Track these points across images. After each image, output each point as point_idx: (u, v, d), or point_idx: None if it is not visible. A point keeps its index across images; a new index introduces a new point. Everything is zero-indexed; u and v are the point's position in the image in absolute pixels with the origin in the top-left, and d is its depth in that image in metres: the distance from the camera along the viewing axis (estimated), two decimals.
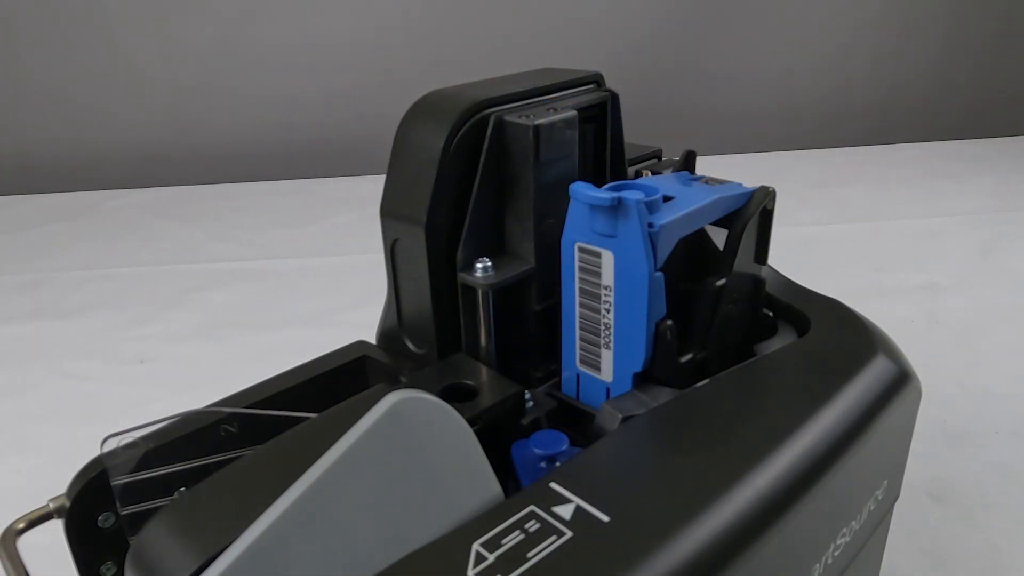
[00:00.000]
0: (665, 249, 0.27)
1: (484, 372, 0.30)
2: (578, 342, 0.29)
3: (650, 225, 0.26)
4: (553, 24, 1.21)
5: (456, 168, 0.30)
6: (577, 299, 0.29)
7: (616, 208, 0.26)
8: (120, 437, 0.26)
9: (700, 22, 1.25)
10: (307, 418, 0.27)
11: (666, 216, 0.26)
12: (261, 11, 1.18)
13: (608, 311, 0.28)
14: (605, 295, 0.27)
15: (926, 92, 1.31)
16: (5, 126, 1.21)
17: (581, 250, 0.27)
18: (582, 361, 0.30)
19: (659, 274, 0.26)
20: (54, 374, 0.67)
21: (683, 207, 0.27)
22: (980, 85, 1.32)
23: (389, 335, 0.34)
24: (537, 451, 0.27)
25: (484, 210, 0.31)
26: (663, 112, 1.27)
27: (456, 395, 0.28)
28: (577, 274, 0.28)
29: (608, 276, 0.27)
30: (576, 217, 0.27)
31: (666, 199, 0.28)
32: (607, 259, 0.27)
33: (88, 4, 1.15)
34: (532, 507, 0.21)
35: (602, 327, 0.28)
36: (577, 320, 0.29)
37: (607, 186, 0.28)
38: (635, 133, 0.36)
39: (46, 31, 1.17)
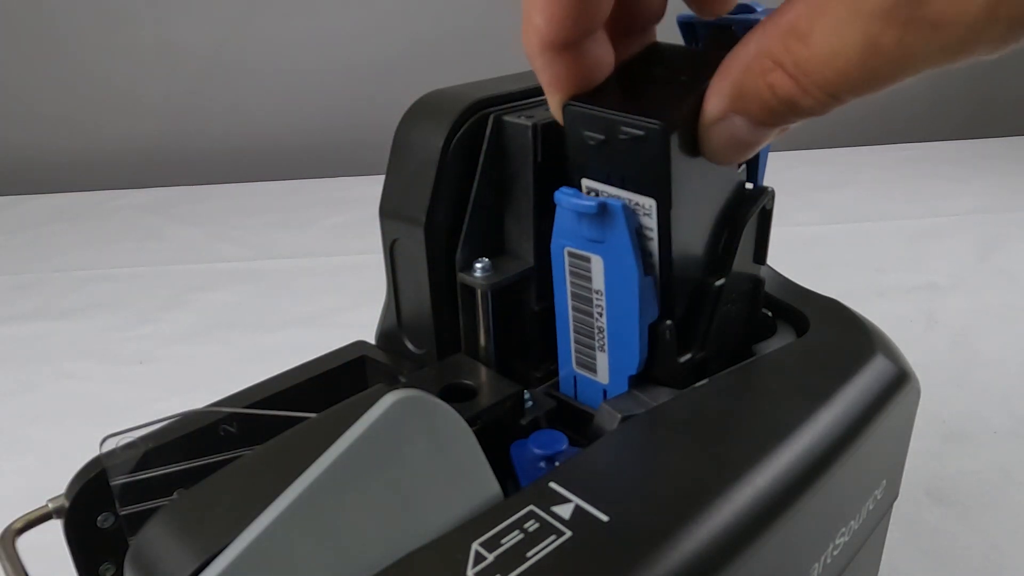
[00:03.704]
0: None
1: (483, 372, 0.30)
2: (573, 345, 0.29)
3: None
4: None
5: (455, 168, 0.30)
6: (570, 303, 0.28)
7: (602, 214, 0.25)
8: (119, 437, 0.26)
9: None
10: (306, 418, 0.27)
11: None
12: (260, 10, 1.18)
13: (600, 315, 0.28)
14: (597, 299, 0.27)
15: (925, 93, 1.31)
16: (5, 126, 1.21)
17: (571, 255, 0.27)
18: (578, 363, 0.30)
19: (648, 277, 0.26)
20: (54, 374, 0.67)
21: None
22: (979, 86, 1.32)
23: (388, 335, 0.34)
24: (536, 451, 0.27)
25: (483, 210, 0.31)
26: None
27: (455, 395, 0.28)
28: (568, 279, 0.28)
29: (599, 281, 0.27)
30: (564, 222, 0.27)
31: None
32: (596, 264, 0.27)
33: (88, 4, 1.15)
34: (531, 507, 0.21)
35: (595, 331, 0.28)
36: (571, 324, 0.29)
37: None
38: None
39: (45, 31, 1.17)
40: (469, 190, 0.30)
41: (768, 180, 0.31)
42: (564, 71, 0.22)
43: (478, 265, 0.30)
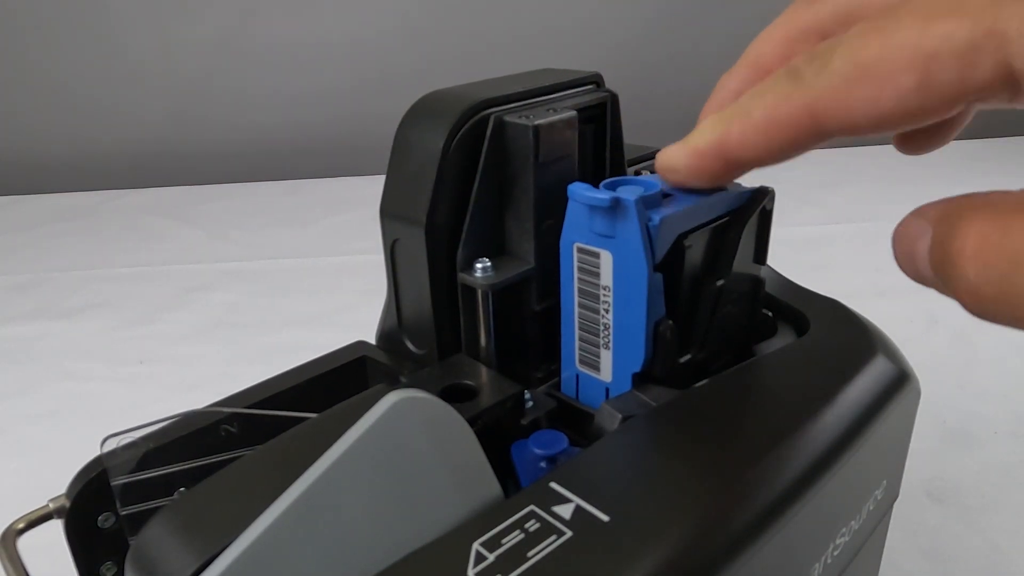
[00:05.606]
0: (664, 244, 0.27)
1: (484, 372, 0.30)
2: (577, 342, 0.29)
3: (649, 219, 0.26)
4: (553, 24, 1.21)
5: (456, 168, 0.30)
6: (576, 300, 0.29)
7: (614, 208, 0.26)
8: (120, 437, 0.26)
9: (700, 22, 1.25)
10: (307, 418, 0.27)
11: (664, 211, 0.26)
12: (261, 11, 1.18)
13: (607, 311, 0.28)
14: (604, 295, 0.27)
15: None
16: (5, 126, 1.21)
17: (580, 250, 0.27)
18: (581, 361, 0.30)
19: (658, 274, 0.26)
20: (54, 374, 0.67)
21: (682, 203, 0.27)
22: None
23: (389, 335, 0.34)
24: (537, 451, 0.27)
25: (484, 210, 0.31)
26: (663, 113, 1.27)
27: (456, 395, 0.28)
28: (576, 275, 0.28)
29: (607, 276, 0.27)
30: (575, 217, 0.27)
31: (665, 196, 0.28)
32: (606, 259, 0.27)
33: (88, 4, 1.15)
34: (532, 507, 0.21)
35: (601, 327, 0.28)
36: (576, 321, 0.29)
37: (605, 181, 0.27)
38: (635, 134, 0.36)
39: (46, 31, 1.17)
40: (470, 190, 0.30)
41: (768, 180, 0.31)
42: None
43: (479, 265, 0.30)
